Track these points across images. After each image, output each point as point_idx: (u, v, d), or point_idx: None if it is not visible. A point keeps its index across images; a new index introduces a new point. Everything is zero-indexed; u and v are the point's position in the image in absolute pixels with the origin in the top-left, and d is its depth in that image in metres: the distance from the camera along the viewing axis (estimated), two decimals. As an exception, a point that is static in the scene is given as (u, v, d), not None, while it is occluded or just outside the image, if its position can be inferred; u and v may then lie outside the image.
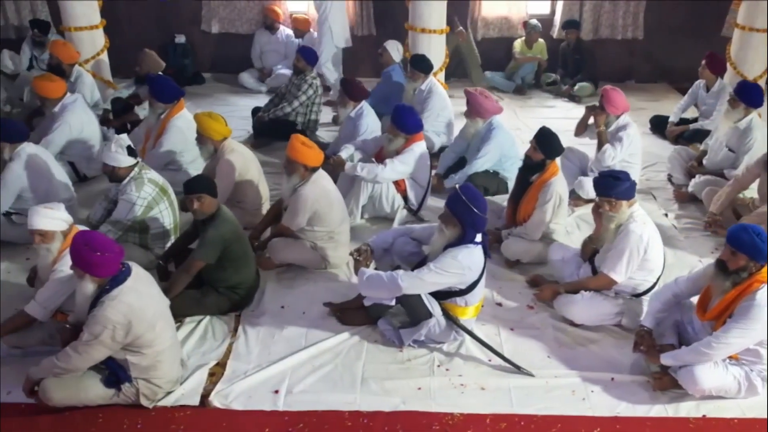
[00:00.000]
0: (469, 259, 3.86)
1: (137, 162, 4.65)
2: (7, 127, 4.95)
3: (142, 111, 6.62)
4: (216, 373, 3.90)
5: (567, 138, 6.74)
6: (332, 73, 8.20)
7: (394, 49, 6.97)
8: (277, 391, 3.74)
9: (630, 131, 5.60)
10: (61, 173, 5.17)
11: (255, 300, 4.49)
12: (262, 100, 8.01)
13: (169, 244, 4.75)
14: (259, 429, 3.53)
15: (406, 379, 3.85)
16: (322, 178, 4.61)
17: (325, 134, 7.11)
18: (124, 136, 4.67)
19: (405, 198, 5.33)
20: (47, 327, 4.00)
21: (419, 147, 5.24)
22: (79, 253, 3.38)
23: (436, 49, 6.71)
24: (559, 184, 4.72)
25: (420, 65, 6.33)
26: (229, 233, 4.20)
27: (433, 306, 3.97)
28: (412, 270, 3.94)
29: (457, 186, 3.94)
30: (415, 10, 6.64)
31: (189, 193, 4.16)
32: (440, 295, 3.99)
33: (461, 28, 8.28)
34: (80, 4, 6.69)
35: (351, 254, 4.18)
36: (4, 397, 3.72)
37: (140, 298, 3.52)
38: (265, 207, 5.25)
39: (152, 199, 4.62)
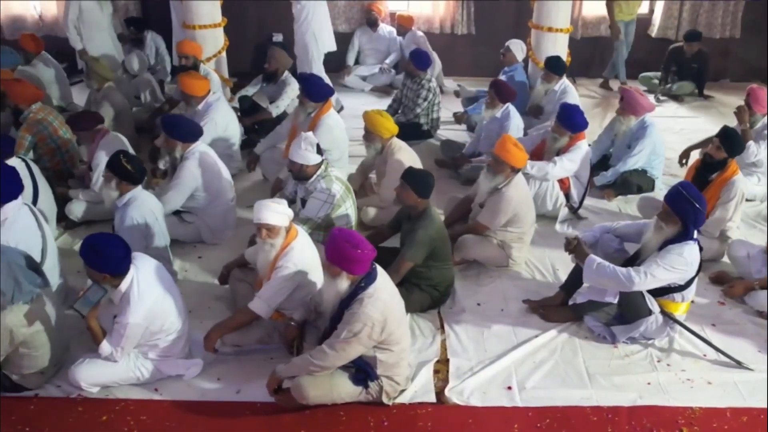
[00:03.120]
0: (692, 256, 3.89)
1: (323, 160, 4.65)
2: (181, 126, 4.93)
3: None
4: (440, 371, 3.92)
5: (682, 138, 6.85)
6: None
7: (518, 49, 6.98)
8: (510, 387, 3.76)
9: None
10: (227, 171, 5.16)
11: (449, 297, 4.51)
12: (364, 100, 8.07)
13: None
14: (507, 425, 3.54)
15: (632, 375, 3.87)
16: (522, 180, 4.63)
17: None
18: (310, 134, 4.67)
19: (567, 196, 5.35)
20: (266, 325, 4.00)
21: (584, 145, 5.28)
22: (340, 249, 3.36)
23: (560, 49, 6.73)
24: (741, 182, 4.76)
25: (555, 66, 6.36)
26: (437, 233, 4.21)
27: (652, 303, 3.99)
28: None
29: (679, 185, 3.96)
30: (540, 9, 6.66)
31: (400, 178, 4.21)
32: (657, 292, 4.01)
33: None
34: (205, 3, 6.67)
35: (569, 241, 4.16)
36: (234, 396, 3.71)
37: (391, 295, 3.54)
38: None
39: (340, 196, 4.61)
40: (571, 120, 5.15)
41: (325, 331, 3.77)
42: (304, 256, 3.93)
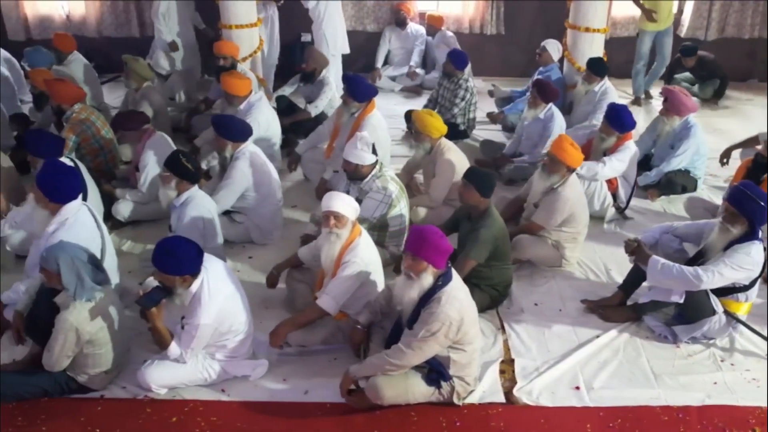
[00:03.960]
0: (759, 255, 3.90)
1: (378, 160, 4.64)
2: (232, 126, 4.92)
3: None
4: (506, 371, 3.91)
5: (717, 138, 6.84)
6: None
7: (555, 49, 6.99)
8: (578, 387, 3.76)
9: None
10: (275, 172, 5.15)
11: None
12: (395, 100, 8.07)
13: (402, 242, 4.75)
14: (579, 425, 3.54)
15: (697, 374, 3.88)
16: (576, 180, 4.63)
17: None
18: (366, 133, 4.67)
19: (614, 196, 5.35)
20: (330, 325, 3.99)
21: (632, 145, 5.28)
22: (429, 241, 3.37)
23: (597, 49, 6.74)
24: (795, 181, 4.77)
25: (597, 68, 6.35)
26: (499, 232, 4.22)
27: (716, 303, 4.00)
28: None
29: (741, 186, 3.97)
30: (578, 9, 6.66)
31: (463, 178, 4.23)
32: (721, 292, 4.02)
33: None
34: (242, 3, 6.65)
35: (629, 243, 4.16)
36: (302, 397, 3.71)
37: (465, 294, 3.54)
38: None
39: (395, 196, 4.60)
40: (620, 120, 5.16)
41: (391, 332, 3.80)
42: (368, 253, 3.94)
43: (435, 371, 3.52)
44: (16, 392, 3.62)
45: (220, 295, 3.56)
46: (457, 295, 3.43)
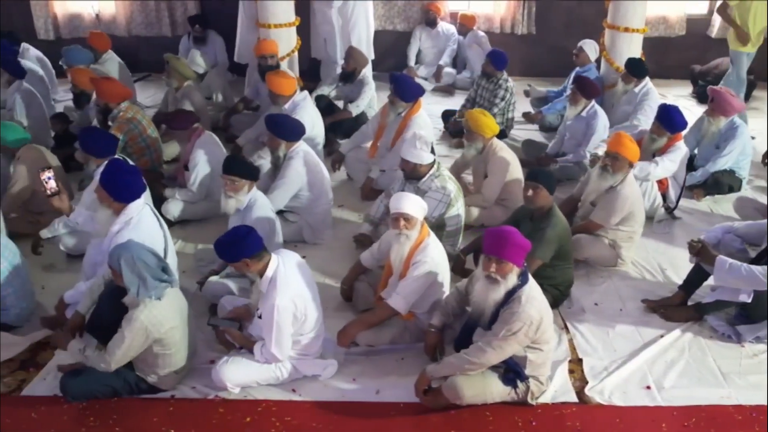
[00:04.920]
0: (826, 255, 3.92)
1: (435, 159, 4.64)
2: (286, 125, 4.91)
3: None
4: (574, 370, 3.91)
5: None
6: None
7: (591, 49, 7.00)
8: (648, 387, 3.76)
9: None
10: (326, 171, 5.14)
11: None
12: (427, 100, 8.01)
13: (459, 242, 4.75)
14: (654, 425, 3.54)
15: (765, 374, 3.87)
16: (633, 178, 4.63)
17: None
18: (424, 132, 4.66)
19: (663, 196, 5.36)
20: (398, 325, 3.99)
21: (683, 146, 5.28)
22: (513, 241, 3.38)
23: (636, 49, 6.75)
24: None
25: (636, 69, 6.34)
26: (564, 232, 4.22)
27: (784, 302, 4.01)
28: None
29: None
30: (617, 9, 6.66)
31: (528, 180, 4.23)
32: (786, 291, 4.03)
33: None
34: (281, 3, 6.64)
35: (693, 244, 4.17)
36: (374, 397, 3.70)
37: (541, 294, 3.54)
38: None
39: (453, 196, 4.60)
40: (672, 121, 5.16)
41: (461, 333, 3.79)
42: (438, 253, 3.94)
43: (512, 371, 3.52)
44: (87, 391, 3.61)
45: (295, 279, 3.57)
46: (536, 294, 3.44)
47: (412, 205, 3.85)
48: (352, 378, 3.81)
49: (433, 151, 4.63)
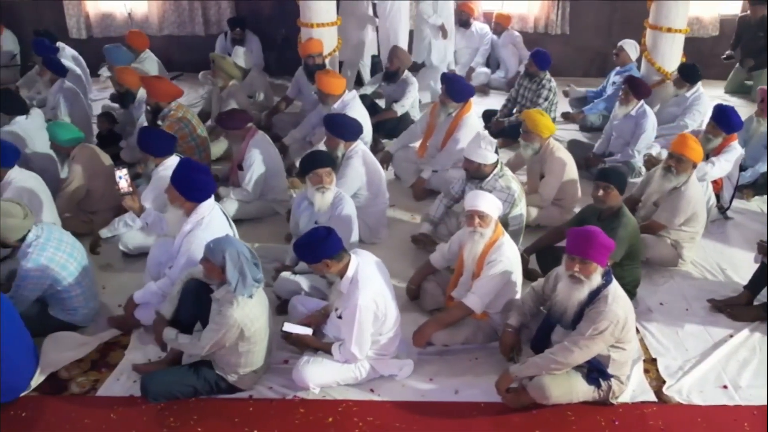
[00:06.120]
0: None
1: (498, 159, 4.63)
2: (345, 124, 4.91)
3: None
4: (649, 370, 3.92)
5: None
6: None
7: (632, 49, 7.00)
8: (725, 386, 3.77)
9: None
10: (382, 170, 5.13)
11: (631, 297, 4.52)
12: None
13: (520, 241, 4.74)
14: (736, 424, 3.55)
15: (841, 374, 3.90)
16: (696, 179, 4.64)
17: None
18: (486, 133, 4.66)
19: (717, 196, 5.37)
20: (471, 325, 3.99)
21: (737, 146, 5.29)
22: (598, 240, 3.38)
23: (677, 50, 6.76)
24: None
25: (689, 74, 6.33)
26: (635, 231, 4.23)
27: None
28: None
29: None
30: (659, 9, 6.65)
31: (599, 180, 4.21)
32: None
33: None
34: (323, 3, 6.63)
35: (762, 245, 4.18)
36: (453, 396, 3.70)
37: (623, 292, 3.54)
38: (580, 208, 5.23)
39: (517, 196, 4.60)
40: (729, 121, 5.17)
41: (537, 333, 3.80)
42: (513, 252, 3.95)
43: (595, 370, 3.53)
44: (168, 391, 3.60)
45: (375, 279, 3.58)
46: (621, 293, 3.45)
47: (487, 203, 3.86)
48: (428, 378, 3.81)
49: (497, 151, 4.61)
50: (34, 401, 3.68)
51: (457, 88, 5.56)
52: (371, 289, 3.51)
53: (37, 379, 3.77)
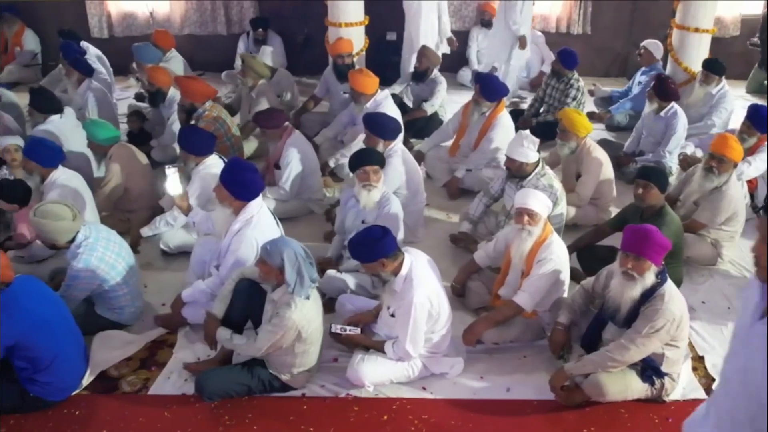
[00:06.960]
0: None
1: (540, 158, 4.65)
2: (385, 124, 4.93)
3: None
4: (698, 368, 3.94)
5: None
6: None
7: (655, 48, 7.03)
8: (774, 384, 3.80)
9: None
10: (420, 169, 5.15)
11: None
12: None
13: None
14: (789, 421, 3.58)
15: None
16: (736, 179, 4.66)
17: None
18: (528, 132, 4.68)
19: (752, 195, 5.40)
20: (520, 323, 4.00)
21: (773, 145, 5.32)
22: (655, 239, 3.41)
23: (704, 49, 6.79)
24: None
25: (716, 68, 6.36)
26: (678, 230, 4.26)
27: None
28: None
29: None
30: (687, 9, 6.69)
31: (639, 177, 4.23)
32: None
33: None
34: (351, 2, 6.65)
35: None
36: (505, 394, 3.72)
37: (678, 291, 3.57)
38: (614, 207, 5.27)
39: (559, 195, 4.62)
40: (764, 120, 5.19)
41: (587, 331, 3.81)
42: (562, 251, 3.97)
43: (649, 367, 3.55)
44: (223, 390, 3.62)
45: (429, 277, 3.60)
46: (676, 292, 3.48)
47: (537, 201, 3.88)
48: (479, 376, 3.84)
49: (538, 150, 4.63)
50: (86, 400, 3.69)
51: (491, 88, 5.58)
52: (426, 287, 3.53)
53: (88, 378, 3.78)
